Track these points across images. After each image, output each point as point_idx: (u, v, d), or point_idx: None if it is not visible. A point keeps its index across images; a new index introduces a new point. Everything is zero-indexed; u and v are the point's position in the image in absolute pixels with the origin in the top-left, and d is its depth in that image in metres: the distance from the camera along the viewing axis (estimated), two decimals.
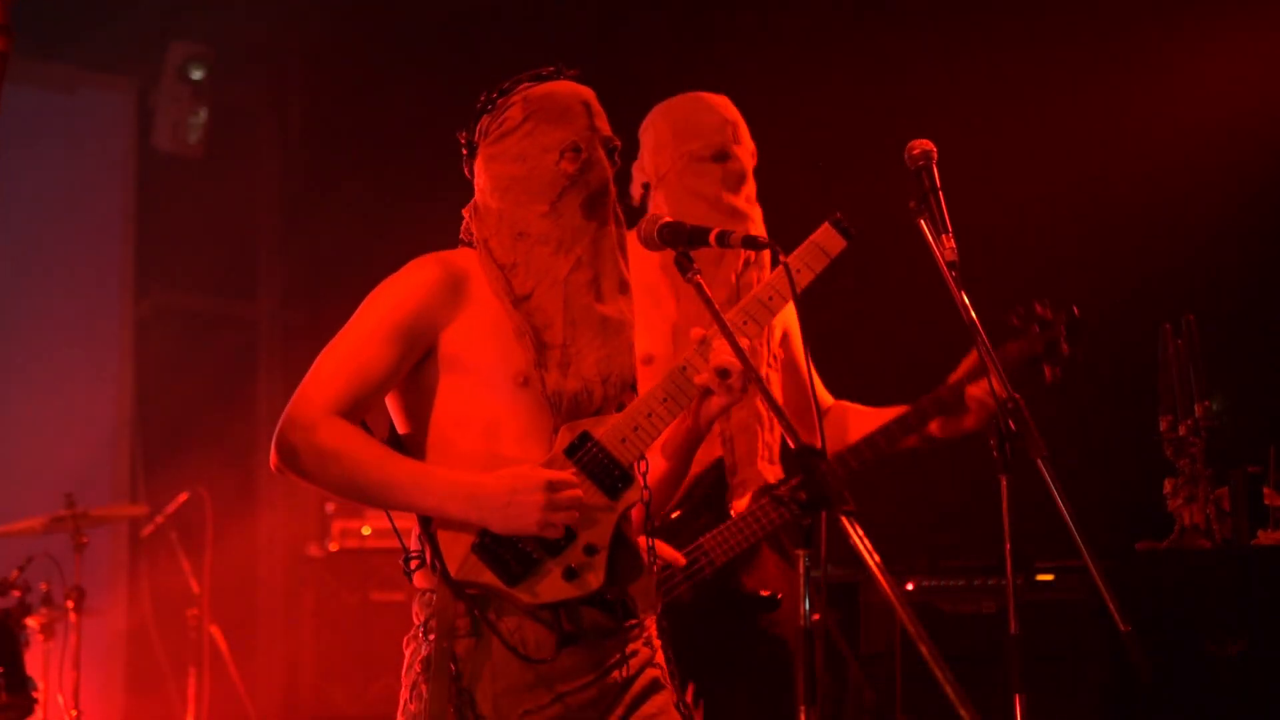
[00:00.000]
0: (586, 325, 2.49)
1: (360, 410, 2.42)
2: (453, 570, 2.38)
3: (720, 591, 3.30)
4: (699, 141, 3.39)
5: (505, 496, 2.34)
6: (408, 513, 2.44)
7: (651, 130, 3.48)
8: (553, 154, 2.50)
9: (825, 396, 3.60)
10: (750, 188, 3.46)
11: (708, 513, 3.31)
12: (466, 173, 2.61)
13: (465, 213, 2.60)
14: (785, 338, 3.54)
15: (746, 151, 3.45)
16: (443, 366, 2.46)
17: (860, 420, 3.44)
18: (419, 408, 2.48)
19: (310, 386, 2.42)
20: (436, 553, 2.40)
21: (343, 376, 2.41)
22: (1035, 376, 3.31)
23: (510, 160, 2.51)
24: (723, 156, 3.38)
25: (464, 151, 2.60)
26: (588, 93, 2.57)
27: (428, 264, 2.49)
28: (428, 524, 2.42)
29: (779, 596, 3.34)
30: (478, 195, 2.56)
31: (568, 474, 2.39)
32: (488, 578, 2.38)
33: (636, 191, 3.52)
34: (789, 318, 3.54)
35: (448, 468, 2.41)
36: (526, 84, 2.56)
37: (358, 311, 2.48)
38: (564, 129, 2.52)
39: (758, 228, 3.40)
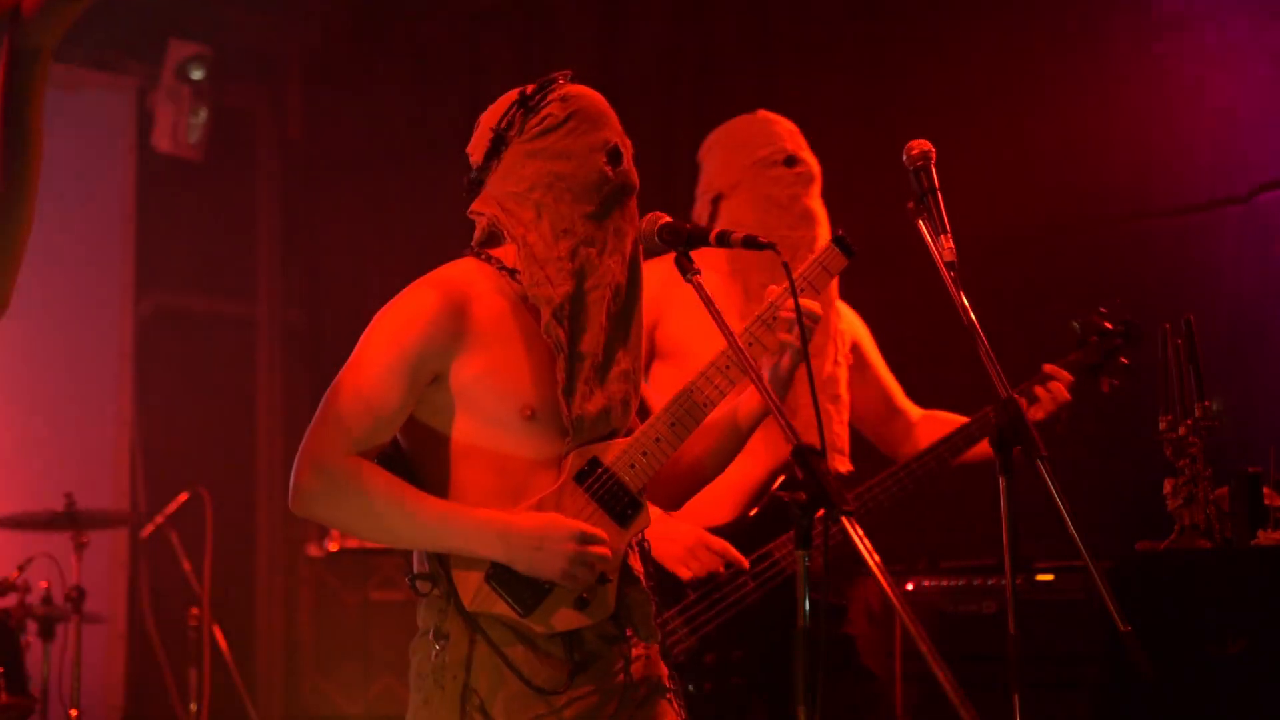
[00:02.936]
0: (619, 335, 2.47)
1: (376, 448, 2.39)
2: (466, 601, 2.38)
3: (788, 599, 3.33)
4: (769, 148, 3.51)
5: (536, 540, 2.33)
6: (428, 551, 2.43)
7: (717, 147, 3.60)
8: (598, 155, 2.47)
9: (912, 407, 3.69)
10: (818, 190, 3.53)
11: (784, 517, 3.32)
12: (476, 164, 2.54)
13: (475, 215, 2.53)
14: (855, 346, 3.61)
15: (812, 158, 3.52)
16: (447, 396, 2.42)
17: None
18: (424, 430, 2.45)
19: (324, 426, 2.36)
20: (450, 584, 2.39)
21: (356, 414, 2.36)
22: (1093, 385, 3.40)
23: (553, 157, 2.47)
24: (793, 161, 3.47)
25: (486, 146, 2.52)
26: None
27: (428, 292, 2.43)
28: (441, 554, 2.40)
29: (844, 604, 3.38)
30: (505, 188, 2.49)
31: (598, 527, 2.38)
32: (501, 608, 2.37)
33: (704, 209, 3.57)
34: (857, 328, 3.64)
35: (465, 503, 2.39)
36: (558, 83, 2.54)
37: (361, 344, 2.43)
38: (604, 130, 2.50)
39: (826, 229, 3.48)
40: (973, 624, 3.97)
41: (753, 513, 3.33)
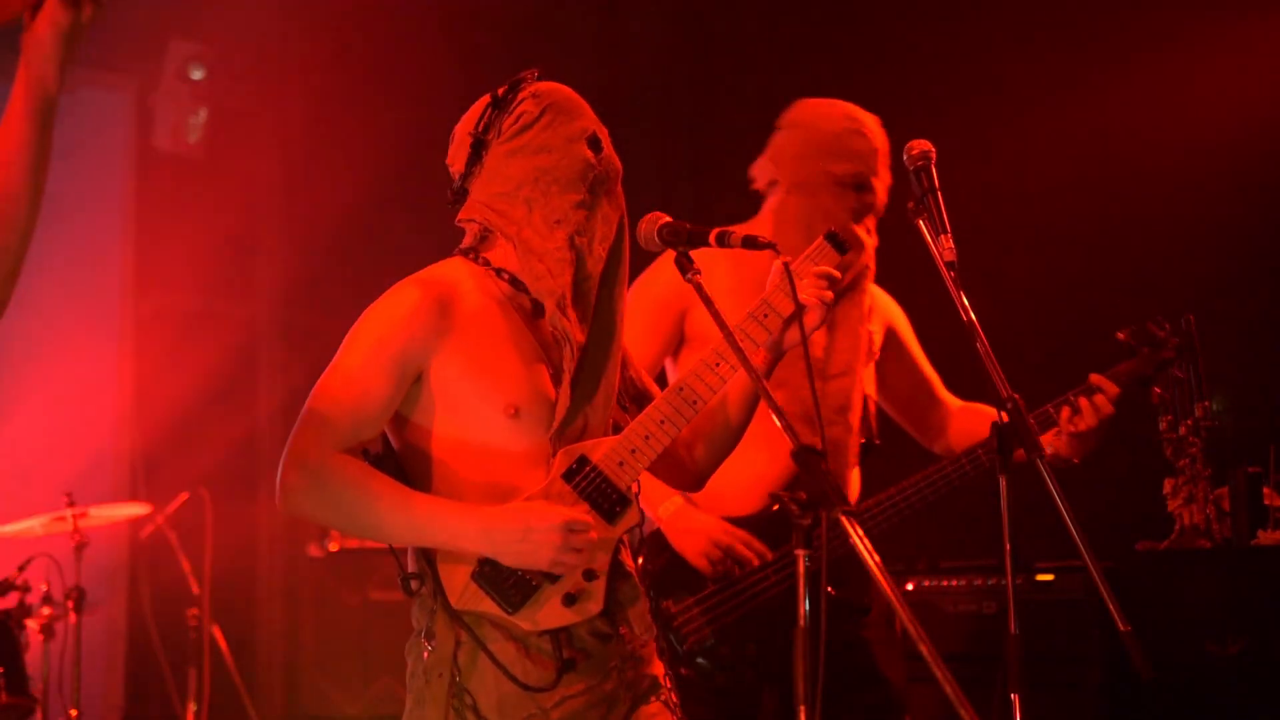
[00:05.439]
0: (607, 323, 2.48)
1: (361, 444, 2.40)
2: (453, 600, 2.38)
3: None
4: (845, 166, 3.40)
5: (520, 533, 2.32)
6: (417, 547, 2.44)
7: (800, 131, 3.49)
8: (578, 144, 2.48)
9: (951, 397, 3.65)
10: (873, 220, 3.48)
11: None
12: (458, 173, 2.55)
13: (464, 223, 2.54)
14: (892, 332, 3.58)
15: (883, 184, 3.47)
16: (433, 394, 2.43)
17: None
18: (412, 429, 2.46)
19: (308, 425, 2.38)
20: (437, 583, 2.39)
21: (341, 411, 2.37)
22: (1144, 395, 3.33)
23: (535, 152, 2.47)
24: (862, 188, 3.41)
25: (466, 153, 2.53)
26: None
27: (410, 290, 2.44)
28: (427, 552, 2.42)
29: (867, 603, 3.37)
30: (492, 189, 2.49)
31: (582, 513, 2.37)
32: (488, 605, 2.37)
33: (762, 181, 3.51)
34: (891, 311, 3.60)
35: (453, 499, 2.39)
36: (528, 82, 2.55)
37: (346, 343, 2.44)
38: (580, 119, 2.51)
39: (870, 258, 3.43)
40: (973, 624, 3.97)
41: (775, 507, 3.31)
